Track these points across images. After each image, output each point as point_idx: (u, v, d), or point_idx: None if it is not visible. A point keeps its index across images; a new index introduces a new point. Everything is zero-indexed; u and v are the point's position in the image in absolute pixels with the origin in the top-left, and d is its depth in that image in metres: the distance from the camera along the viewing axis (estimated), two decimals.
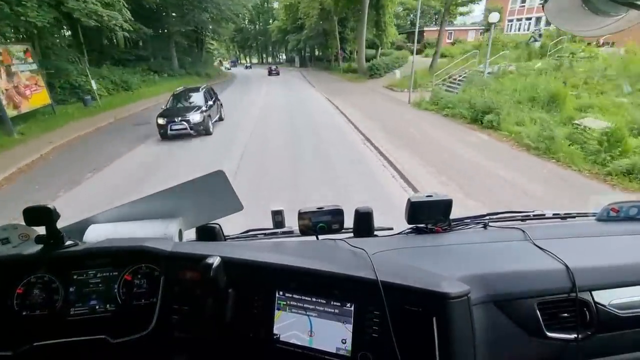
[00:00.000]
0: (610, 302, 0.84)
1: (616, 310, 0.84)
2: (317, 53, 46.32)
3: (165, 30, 24.92)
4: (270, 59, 77.81)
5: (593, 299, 0.84)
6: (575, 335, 0.81)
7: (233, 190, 1.13)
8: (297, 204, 1.17)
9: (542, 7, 0.61)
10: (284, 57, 71.13)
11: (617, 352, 0.84)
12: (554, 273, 0.86)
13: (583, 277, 0.84)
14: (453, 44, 31.23)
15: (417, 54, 14.52)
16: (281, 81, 26.99)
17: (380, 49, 26.68)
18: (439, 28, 19.62)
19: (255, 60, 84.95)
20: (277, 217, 1.27)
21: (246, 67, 54.40)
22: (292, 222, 1.26)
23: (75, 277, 0.88)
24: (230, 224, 1.27)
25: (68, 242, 0.89)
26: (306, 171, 6.06)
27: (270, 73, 34.05)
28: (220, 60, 53.22)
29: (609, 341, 0.83)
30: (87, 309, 0.86)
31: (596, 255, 0.97)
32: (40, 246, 0.87)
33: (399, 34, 32.65)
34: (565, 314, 0.82)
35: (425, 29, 34.53)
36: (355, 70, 25.28)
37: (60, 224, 0.88)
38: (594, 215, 1.25)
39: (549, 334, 0.80)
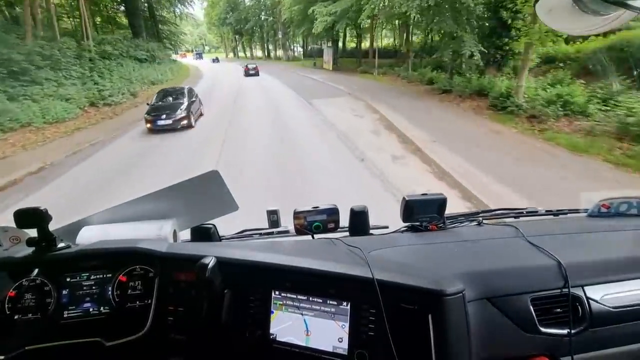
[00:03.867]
0: (602, 297, 0.86)
1: (608, 305, 0.85)
2: (379, 42, 23.97)
3: None
4: (280, 53, 46.60)
5: (585, 294, 0.85)
6: (568, 330, 0.82)
7: (228, 190, 1.12)
8: None
9: (534, 5, 0.62)
10: (300, 49, 45.20)
11: (609, 346, 0.86)
12: (547, 269, 0.87)
13: (575, 272, 0.86)
14: None
15: None
16: None
17: None
18: None
19: (259, 54, 56.17)
20: (273, 217, 1.26)
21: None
22: (287, 222, 1.25)
23: (68, 279, 0.87)
24: (225, 224, 1.21)
25: (60, 245, 0.88)
26: None
27: (247, 74, 24.55)
28: (184, 53, 36.00)
29: (601, 335, 0.85)
30: (80, 311, 0.85)
31: (588, 251, 0.98)
32: (32, 249, 0.85)
33: None
34: (558, 309, 0.83)
35: None
36: None
37: (52, 226, 0.87)
38: (586, 212, 1.27)
39: (543, 329, 0.81)
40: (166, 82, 19.82)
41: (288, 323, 0.80)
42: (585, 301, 0.84)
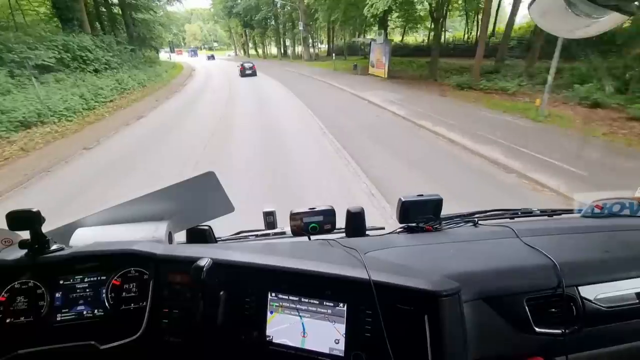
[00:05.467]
0: (596, 296, 0.87)
1: (601, 305, 0.86)
2: (417, 35, 15.41)
3: None
4: (299, 48, 35.54)
5: (579, 294, 0.86)
6: (563, 330, 0.83)
7: (224, 192, 1.12)
8: None
9: (528, 8, 0.62)
10: (322, 45, 37.85)
11: (602, 345, 0.87)
12: (541, 269, 0.88)
13: (569, 272, 0.87)
14: None
15: None
16: None
17: None
18: None
19: (274, 51, 46.96)
20: (269, 218, 1.26)
21: None
22: (283, 223, 1.25)
23: (61, 282, 0.86)
24: (221, 225, 1.24)
25: (54, 247, 0.87)
26: None
27: (242, 74, 21.17)
28: (180, 50, 30.89)
29: (594, 335, 0.85)
30: (74, 314, 0.84)
31: (582, 251, 0.99)
32: (24, 251, 0.84)
33: None
34: (553, 309, 0.84)
35: None
36: None
37: (45, 228, 0.86)
38: (580, 212, 1.28)
39: (537, 329, 0.82)
40: (86, 112, 9.69)
41: (285, 325, 0.80)
42: (579, 301, 0.85)
